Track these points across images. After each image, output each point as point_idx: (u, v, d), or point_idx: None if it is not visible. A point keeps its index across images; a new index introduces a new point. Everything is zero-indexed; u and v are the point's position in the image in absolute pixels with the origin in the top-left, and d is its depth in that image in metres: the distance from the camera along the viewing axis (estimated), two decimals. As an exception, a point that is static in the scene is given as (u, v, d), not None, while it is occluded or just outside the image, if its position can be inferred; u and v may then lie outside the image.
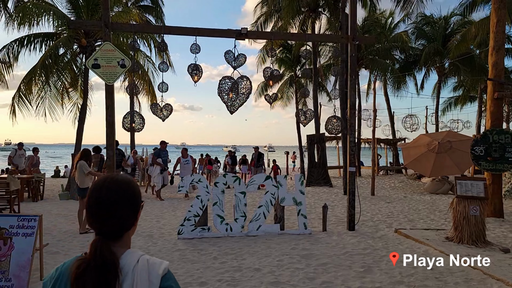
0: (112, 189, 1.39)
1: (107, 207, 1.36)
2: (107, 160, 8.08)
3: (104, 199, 1.36)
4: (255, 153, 17.14)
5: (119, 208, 1.37)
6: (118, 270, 1.29)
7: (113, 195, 1.38)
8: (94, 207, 1.37)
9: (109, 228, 1.37)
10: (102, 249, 1.30)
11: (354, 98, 8.85)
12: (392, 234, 8.30)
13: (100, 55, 7.94)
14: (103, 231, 1.36)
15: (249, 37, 8.50)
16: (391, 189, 17.10)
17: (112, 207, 1.36)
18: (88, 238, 7.68)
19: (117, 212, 1.36)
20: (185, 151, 14.07)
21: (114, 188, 1.39)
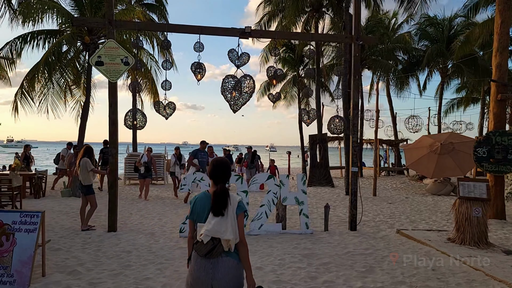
0: (223, 161, 3.12)
1: (222, 170, 3.03)
2: (110, 158, 8.09)
3: (221, 166, 3.04)
4: (248, 153, 16.35)
5: (226, 170, 3.06)
6: (228, 194, 2.91)
7: (224, 164, 3.07)
8: (217, 170, 3.02)
9: (223, 179, 3.00)
10: (222, 186, 2.91)
11: (357, 98, 8.84)
12: (394, 234, 8.29)
13: (103, 53, 7.95)
14: (221, 181, 2.98)
15: (253, 36, 8.50)
16: (393, 190, 17.09)
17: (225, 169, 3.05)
18: (90, 235, 7.70)
19: (225, 172, 3.05)
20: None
21: (224, 161, 3.12)
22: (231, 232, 2.80)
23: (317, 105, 20.03)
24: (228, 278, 2.79)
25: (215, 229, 2.78)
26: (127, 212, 10.43)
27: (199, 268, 2.83)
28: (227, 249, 2.80)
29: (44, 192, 12.98)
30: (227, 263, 2.81)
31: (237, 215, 2.88)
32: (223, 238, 2.78)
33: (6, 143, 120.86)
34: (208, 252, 2.78)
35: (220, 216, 2.82)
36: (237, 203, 2.91)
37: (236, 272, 2.85)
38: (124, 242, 7.27)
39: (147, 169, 12.98)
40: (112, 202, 8.05)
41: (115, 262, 6.03)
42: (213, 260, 2.80)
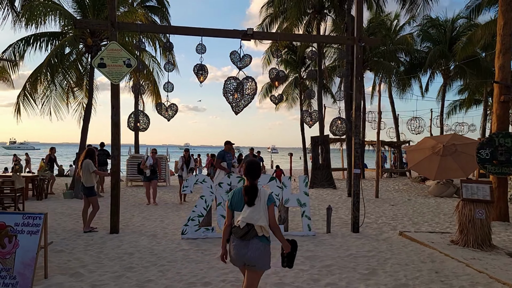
0: (255, 162, 3.74)
1: (254, 169, 3.64)
2: (112, 160, 8.09)
3: (252, 167, 3.65)
4: (249, 155, 15.30)
5: (257, 169, 3.67)
6: (257, 189, 3.58)
7: (255, 165, 3.68)
8: (250, 169, 3.65)
9: (254, 176, 3.63)
10: (253, 182, 3.59)
11: (360, 100, 8.82)
12: (396, 236, 8.25)
13: (106, 55, 7.96)
14: (252, 178, 3.62)
15: (255, 37, 8.50)
16: (395, 192, 17.04)
17: (256, 169, 3.67)
18: (93, 237, 7.70)
19: (256, 171, 3.66)
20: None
21: (255, 162, 3.74)
22: (263, 219, 3.57)
23: (319, 107, 20.01)
24: (257, 255, 3.60)
25: (250, 217, 3.57)
26: (129, 213, 10.43)
27: (236, 246, 3.64)
28: (260, 234, 3.59)
29: (47, 194, 12.99)
30: (257, 244, 3.60)
31: (268, 206, 3.62)
32: (257, 224, 3.56)
33: (9, 145, 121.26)
34: (243, 235, 3.59)
35: (253, 206, 3.58)
36: (267, 196, 3.64)
37: (264, 252, 3.65)
38: (126, 244, 7.26)
39: (153, 171, 12.28)
40: (114, 204, 8.05)
41: (117, 264, 6.02)
42: (247, 241, 3.59)
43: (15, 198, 10.04)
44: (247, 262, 3.63)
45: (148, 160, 12.22)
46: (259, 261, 3.64)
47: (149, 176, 12.16)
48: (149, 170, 12.06)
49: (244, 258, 3.61)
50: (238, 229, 3.62)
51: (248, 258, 3.60)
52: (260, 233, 3.57)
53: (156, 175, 12.37)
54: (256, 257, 3.60)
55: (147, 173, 12.08)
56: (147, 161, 12.19)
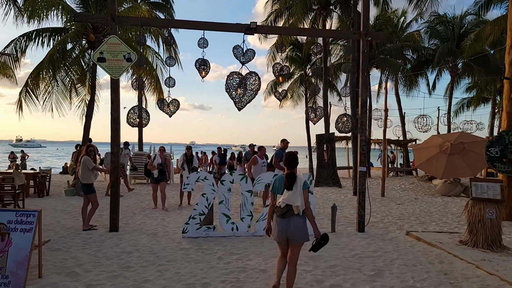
0: (293, 154, 4.59)
1: (292, 160, 4.46)
2: (112, 156, 7.92)
3: (291, 158, 4.48)
4: (250, 153, 13.85)
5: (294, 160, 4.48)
6: (296, 176, 4.35)
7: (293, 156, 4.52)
8: (289, 160, 4.47)
9: (293, 166, 4.44)
10: (292, 171, 4.37)
11: (366, 96, 8.58)
12: (403, 236, 8.02)
13: (105, 49, 7.80)
14: (291, 167, 4.43)
15: (258, 31, 8.28)
16: (401, 191, 16.76)
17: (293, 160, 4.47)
18: (91, 235, 7.54)
19: (293, 161, 4.47)
20: (264, 150, 10.95)
21: (293, 154, 4.58)
22: (299, 201, 4.36)
23: (325, 104, 19.74)
24: (297, 229, 4.37)
25: (289, 199, 4.37)
26: (130, 212, 10.28)
27: (278, 224, 4.45)
28: (297, 213, 4.36)
29: (48, 191, 12.88)
30: (296, 220, 4.37)
31: (303, 190, 4.40)
32: (294, 205, 4.36)
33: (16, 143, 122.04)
34: (283, 214, 4.39)
35: (291, 190, 4.36)
36: (303, 182, 4.43)
37: (302, 226, 4.41)
38: (125, 242, 7.10)
39: (161, 172, 10.86)
40: (114, 202, 7.89)
41: (114, 263, 5.86)
42: (287, 219, 4.38)
43: (15, 195, 9.91)
44: (289, 236, 4.42)
45: (156, 159, 10.85)
46: (299, 234, 4.41)
47: (157, 178, 10.87)
48: (157, 171, 10.79)
49: (286, 233, 4.41)
50: (279, 208, 4.44)
51: (290, 233, 4.39)
52: (296, 212, 4.37)
53: (165, 176, 11.04)
54: (296, 231, 4.38)
55: (155, 174, 10.83)
56: (155, 161, 10.82)
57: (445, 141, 15.63)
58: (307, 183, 4.47)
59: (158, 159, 10.83)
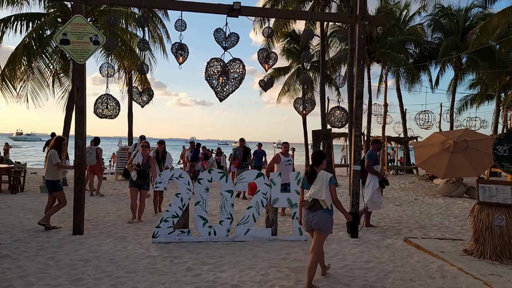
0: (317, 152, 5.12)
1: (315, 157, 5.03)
2: (76, 150, 7.09)
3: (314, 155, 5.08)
4: (239, 149, 12.19)
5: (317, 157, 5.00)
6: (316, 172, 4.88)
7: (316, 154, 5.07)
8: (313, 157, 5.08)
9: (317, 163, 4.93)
10: (312, 168, 4.94)
11: (361, 87, 7.74)
12: (401, 243, 7.19)
13: (69, 30, 6.95)
14: (315, 164, 4.95)
15: (242, 13, 7.42)
16: (401, 190, 15.92)
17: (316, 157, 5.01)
18: (51, 239, 6.72)
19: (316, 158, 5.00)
20: (287, 146, 9.41)
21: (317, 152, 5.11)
22: (325, 195, 4.65)
23: (322, 99, 18.90)
24: (320, 220, 4.68)
25: (315, 193, 4.70)
26: (105, 210, 9.46)
27: (306, 215, 4.81)
28: (325, 207, 4.67)
29: (22, 187, 12.06)
30: (321, 214, 4.68)
31: (329, 185, 4.69)
32: (320, 199, 4.67)
33: (16, 136, 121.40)
34: (310, 207, 4.74)
35: (317, 185, 4.71)
36: (329, 177, 4.73)
37: (326, 219, 4.70)
38: (86, 248, 6.28)
39: (142, 174, 8.25)
40: (78, 201, 7.07)
41: (64, 275, 5.04)
42: (313, 212, 4.72)
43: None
44: (314, 226, 4.76)
45: (137, 157, 8.34)
46: (323, 226, 4.72)
47: (136, 181, 8.27)
48: (135, 172, 8.21)
49: (311, 224, 4.77)
50: (306, 202, 4.85)
51: (314, 223, 4.74)
52: (324, 206, 4.68)
53: (147, 181, 8.49)
54: (321, 223, 4.71)
55: (133, 177, 8.25)
56: (135, 159, 8.35)
57: (447, 138, 14.75)
58: (333, 179, 4.77)
59: (139, 157, 8.34)
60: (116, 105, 7.32)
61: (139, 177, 8.29)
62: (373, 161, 8.29)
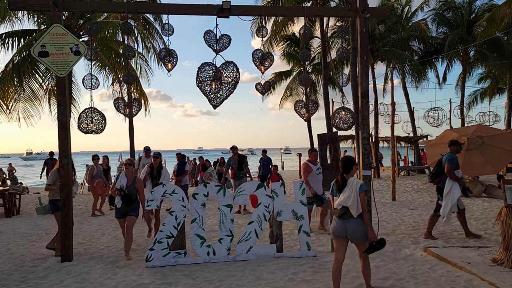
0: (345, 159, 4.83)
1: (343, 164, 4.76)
2: (61, 170, 6.55)
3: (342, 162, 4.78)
4: (233, 158, 11.03)
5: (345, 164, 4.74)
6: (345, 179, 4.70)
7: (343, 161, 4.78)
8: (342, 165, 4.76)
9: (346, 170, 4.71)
10: (342, 176, 4.73)
11: (367, 85, 7.13)
12: (420, 253, 6.52)
13: (48, 41, 6.46)
14: (343, 171, 4.73)
15: (233, 13, 6.87)
16: (414, 192, 15.18)
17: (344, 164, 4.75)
18: (36, 268, 6.16)
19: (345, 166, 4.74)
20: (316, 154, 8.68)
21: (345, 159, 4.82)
22: (351, 202, 4.53)
23: (325, 101, 18.31)
24: (355, 231, 4.58)
25: (345, 201, 4.60)
26: (101, 231, 8.89)
27: (336, 224, 4.69)
28: (354, 215, 4.53)
29: (18, 210, 11.57)
30: (354, 221, 4.57)
31: (359, 192, 4.53)
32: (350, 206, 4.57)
33: (26, 156, 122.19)
34: (341, 215, 4.64)
35: (347, 193, 4.59)
36: (359, 185, 4.57)
37: (360, 228, 4.58)
38: (72, 277, 5.70)
39: (127, 199, 6.67)
40: (65, 225, 6.51)
41: (43, 312, 4.47)
42: (344, 220, 4.60)
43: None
44: (350, 237, 4.62)
45: (120, 178, 6.81)
46: (359, 235, 4.59)
47: (121, 209, 6.72)
48: (119, 197, 6.68)
49: (346, 234, 4.61)
50: (336, 210, 4.69)
51: (350, 234, 4.59)
52: (354, 214, 4.51)
53: (134, 207, 6.80)
54: (356, 233, 4.57)
55: (117, 203, 6.76)
56: (118, 181, 6.81)
57: (460, 135, 14.04)
58: (363, 186, 4.59)
59: (122, 179, 6.77)
60: (101, 119, 6.78)
61: (124, 203, 6.67)
62: (454, 165, 7.32)
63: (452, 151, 7.56)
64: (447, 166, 7.31)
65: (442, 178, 7.50)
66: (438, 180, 7.65)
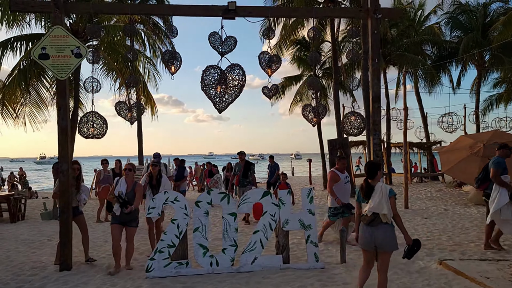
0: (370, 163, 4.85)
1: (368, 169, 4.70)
2: (61, 176, 6.36)
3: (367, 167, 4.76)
4: (240, 164, 10.35)
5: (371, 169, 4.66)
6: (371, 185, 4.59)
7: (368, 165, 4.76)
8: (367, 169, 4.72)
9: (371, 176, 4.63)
10: (367, 181, 4.63)
11: (378, 88, 6.83)
12: (435, 267, 6.16)
13: (49, 43, 6.32)
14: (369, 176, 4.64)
15: (239, 14, 6.64)
16: (428, 200, 14.73)
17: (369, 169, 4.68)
18: (34, 277, 5.96)
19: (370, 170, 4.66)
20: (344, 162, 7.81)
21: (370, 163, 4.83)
22: (387, 209, 4.41)
23: (336, 106, 17.97)
24: (385, 238, 4.43)
25: (375, 207, 4.46)
26: (103, 238, 8.71)
27: (365, 231, 4.55)
28: (384, 221, 4.43)
29: (23, 215, 11.46)
30: (383, 228, 4.44)
31: (389, 198, 4.45)
32: (381, 213, 4.43)
33: (39, 160, 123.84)
34: (370, 222, 4.50)
35: (377, 198, 4.45)
36: (388, 190, 4.49)
37: (391, 235, 4.45)
38: (70, 287, 5.48)
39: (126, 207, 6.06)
40: (64, 233, 6.30)
41: (34, 326, 4.24)
42: (374, 227, 4.47)
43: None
44: (378, 245, 4.43)
45: (120, 185, 6.22)
46: (388, 243, 4.41)
47: (120, 217, 6.13)
48: (118, 205, 6.07)
49: (375, 242, 4.43)
50: (365, 217, 4.51)
51: (378, 242, 4.41)
52: (384, 220, 4.39)
53: (134, 216, 6.28)
54: (385, 240, 4.40)
55: (116, 211, 6.11)
56: (117, 186, 6.23)
57: (476, 141, 13.62)
58: (393, 191, 4.52)
59: (121, 185, 6.21)
60: (102, 123, 6.59)
61: (123, 211, 6.09)
62: (501, 169, 6.85)
63: (500, 155, 7.07)
64: (492, 170, 6.86)
65: (490, 184, 7.07)
66: (485, 185, 7.26)
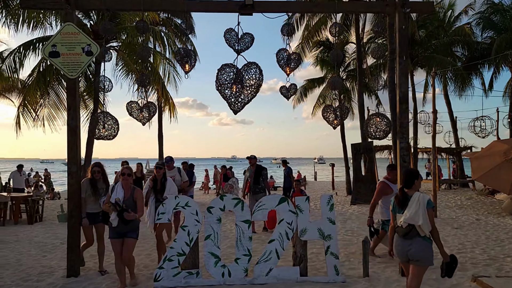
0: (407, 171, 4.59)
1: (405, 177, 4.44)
2: (69, 178, 6.13)
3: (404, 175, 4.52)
4: (251, 169, 9.58)
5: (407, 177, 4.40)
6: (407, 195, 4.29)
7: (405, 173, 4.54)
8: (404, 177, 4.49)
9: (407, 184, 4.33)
10: (402, 190, 4.34)
11: (406, 88, 6.33)
12: (468, 284, 5.60)
13: (59, 40, 6.13)
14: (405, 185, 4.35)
15: (256, 9, 6.29)
16: (457, 209, 13.94)
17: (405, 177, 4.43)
18: (40, 283, 5.73)
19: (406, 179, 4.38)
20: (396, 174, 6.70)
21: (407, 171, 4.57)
22: (423, 221, 4.09)
23: (360, 109, 17.36)
24: (419, 251, 4.16)
25: (411, 218, 4.14)
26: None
27: (399, 244, 4.30)
28: (422, 234, 4.14)
29: (41, 216, 11.41)
30: (419, 242, 4.16)
31: (427, 209, 4.13)
32: (417, 224, 4.11)
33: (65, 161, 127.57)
34: (405, 234, 4.20)
35: (414, 209, 4.14)
36: (426, 200, 4.17)
37: (426, 249, 4.18)
38: (73, 296, 5.22)
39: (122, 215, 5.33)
40: (72, 238, 6.07)
41: None
42: (410, 240, 4.19)
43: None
44: (411, 257, 4.21)
45: (116, 190, 5.54)
46: (423, 257, 4.19)
47: (118, 228, 5.41)
48: (115, 215, 5.35)
49: (408, 254, 4.22)
50: (401, 228, 4.26)
51: (412, 254, 4.19)
52: (422, 234, 4.15)
53: (134, 226, 5.51)
54: (420, 253, 4.17)
55: (113, 222, 5.39)
56: (113, 193, 5.51)
57: (510, 147, 12.83)
58: (431, 202, 4.23)
59: (118, 191, 5.52)
60: (114, 124, 6.33)
61: (122, 221, 5.36)
62: None
63: None
64: None
65: None
66: None
